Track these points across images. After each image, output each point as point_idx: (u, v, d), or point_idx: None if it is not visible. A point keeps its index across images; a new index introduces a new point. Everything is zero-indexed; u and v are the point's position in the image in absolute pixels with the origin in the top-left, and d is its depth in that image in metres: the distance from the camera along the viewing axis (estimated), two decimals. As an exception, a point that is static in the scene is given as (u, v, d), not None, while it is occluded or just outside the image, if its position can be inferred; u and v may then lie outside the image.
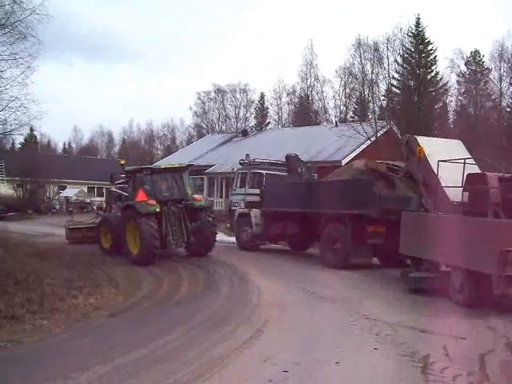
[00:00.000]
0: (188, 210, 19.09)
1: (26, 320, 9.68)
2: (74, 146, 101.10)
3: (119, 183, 22.79)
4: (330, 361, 7.49)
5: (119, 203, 21.53)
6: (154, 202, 18.08)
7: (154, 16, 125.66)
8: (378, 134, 33.50)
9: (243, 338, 8.67)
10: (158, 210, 18.06)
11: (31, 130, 56.80)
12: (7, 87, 19.50)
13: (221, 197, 37.32)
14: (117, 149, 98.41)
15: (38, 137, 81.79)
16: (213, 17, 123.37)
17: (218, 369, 7.13)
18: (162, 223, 18.38)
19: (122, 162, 21.86)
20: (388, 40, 37.58)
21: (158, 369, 7.05)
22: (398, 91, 43.10)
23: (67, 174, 51.51)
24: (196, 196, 20.08)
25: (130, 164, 33.96)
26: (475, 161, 13.97)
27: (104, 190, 26.65)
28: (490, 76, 49.13)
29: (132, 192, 19.70)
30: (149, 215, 17.81)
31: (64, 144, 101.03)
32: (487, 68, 49.42)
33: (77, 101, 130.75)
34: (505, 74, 47.65)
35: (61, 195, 50.20)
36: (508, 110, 46.75)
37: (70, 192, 50.59)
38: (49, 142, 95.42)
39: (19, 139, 73.09)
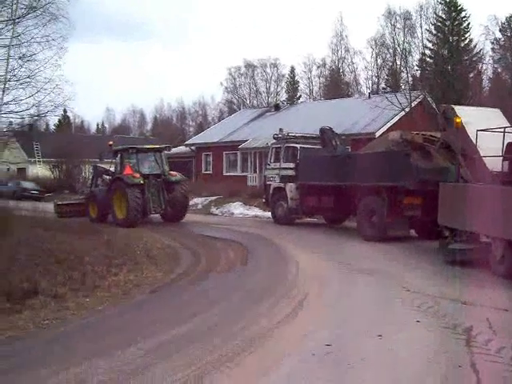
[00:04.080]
0: (165, 183, 23.04)
1: (68, 298, 9.81)
2: (106, 125, 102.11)
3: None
4: (372, 334, 7.46)
5: (105, 177, 24.88)
6: (138, 176, 22.05)
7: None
8: (412, 105, 33.00)
9: (284, 312, 8.69)
10: (141, 182, 21.96)
11: (64, 111, 57.71)
12: (41, 69, 19.76)
13: (255, 172, 37.22)
14: (149, 127, 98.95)
15: (72, 118, 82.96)
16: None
17: (260, 343, 7.16)
18: (144, 193, 22.08)
19: (110, 143, 25.36)
20: (421, 8, 37.05)
21: (200, 344, 7.09)
22: (431, 60, 42.40)
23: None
24: (172, 172, 23.89)
25: (163, 142, 36.45)
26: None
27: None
28: (526, 41, 47.85)
29: (119, 167, 23.41)
30: (134, 186, 21.67)
31: (97, 124, 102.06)
32: (523, 33, 48.12)
33: (108, 81, 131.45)
34: (541, 38, 46.39)
35: (96, 174, 50.63)
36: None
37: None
38: (82, 122, 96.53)
39: (54, 121, 74.19)
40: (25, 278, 10.31)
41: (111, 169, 24.84)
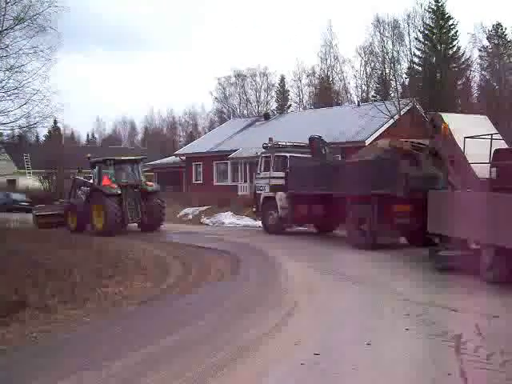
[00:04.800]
0: (142, 193, 23.97)
1: (58, 310, 9.73)
2: (97, 136, 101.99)
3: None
4: (361, 342, 7.44)
5: (83, 188, 25.54)
6: (115, 186, 22.99)
7: (169, 3, 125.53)
8: (401, 113, 33.12)
9: (274, 321, 8.67)
10: (119, 192, 22.92)
11: (55, 122, 57.44)
12: (29, 80, 19.78)
13: (245, 181, 37.23)
14: (139, 137, 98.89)
15: (62, 128, 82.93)
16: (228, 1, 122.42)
17: (250, 353, 7.14)
18: (121, 203, 23.08)
19: (88, 155, 25.85)
20: (409, 16, 37.27)
21: (190, 355, 7.07)
22: (419, 68, 42.62)
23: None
24: (148, 182, 25.28)
25: (154, 152, 36.63)
26: (502, 136, 13.74)
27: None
28: (513, 49, 48.07)
29: (97, 178, 24.11)
30: (112, 196, 22.66)
31: (87, 134, 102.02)
32: (510, 41, 48.42)
33: (97, 91, 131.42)
34: (528, 45, 46.64)
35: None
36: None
37: (96, 182, 50.79)
38: (72, 133, 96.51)
39: (43, 132, 74.26)
40: (13, 290, 10.25)
41: (90, 180, 25.51)
